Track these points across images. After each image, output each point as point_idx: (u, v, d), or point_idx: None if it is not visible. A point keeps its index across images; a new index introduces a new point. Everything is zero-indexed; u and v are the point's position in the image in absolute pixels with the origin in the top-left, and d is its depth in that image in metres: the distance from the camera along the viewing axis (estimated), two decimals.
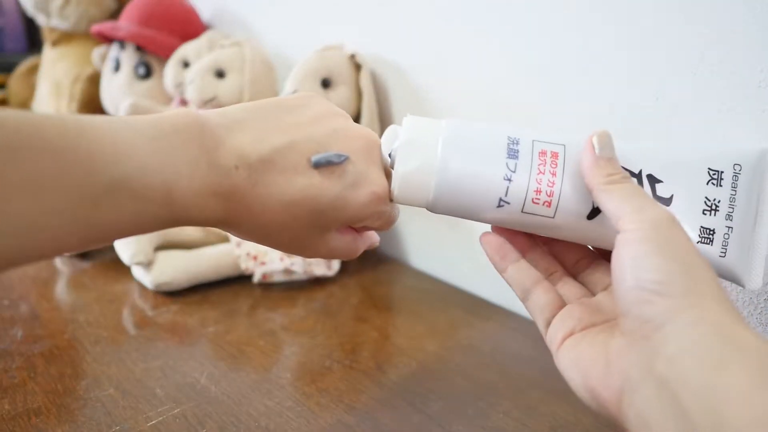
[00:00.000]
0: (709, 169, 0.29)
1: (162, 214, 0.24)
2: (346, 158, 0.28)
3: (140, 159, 0.23)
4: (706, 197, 0.28)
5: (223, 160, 0.26)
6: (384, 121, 0.61)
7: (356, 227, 0.32)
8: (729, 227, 0.29)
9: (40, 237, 0.21)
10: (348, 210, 0.29)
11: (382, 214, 0.31)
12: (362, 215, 0.30)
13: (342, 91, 0.57)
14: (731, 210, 0.29)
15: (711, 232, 0.28)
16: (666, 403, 0.20)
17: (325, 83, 0.57)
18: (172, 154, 0.24)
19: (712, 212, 0.28)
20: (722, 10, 0.36)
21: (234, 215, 0.27)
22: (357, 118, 0.59)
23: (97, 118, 0.23)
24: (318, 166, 0.27)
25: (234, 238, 0.54)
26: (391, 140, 0.31)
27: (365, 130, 0.31)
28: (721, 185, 0.29)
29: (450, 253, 0.58)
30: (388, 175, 0.31)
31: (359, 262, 0.59)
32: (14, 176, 0.20)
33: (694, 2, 0.37)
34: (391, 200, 0.30)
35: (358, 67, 0.58)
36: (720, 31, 0.36)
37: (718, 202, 0.28)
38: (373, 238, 0.34)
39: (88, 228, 0.23)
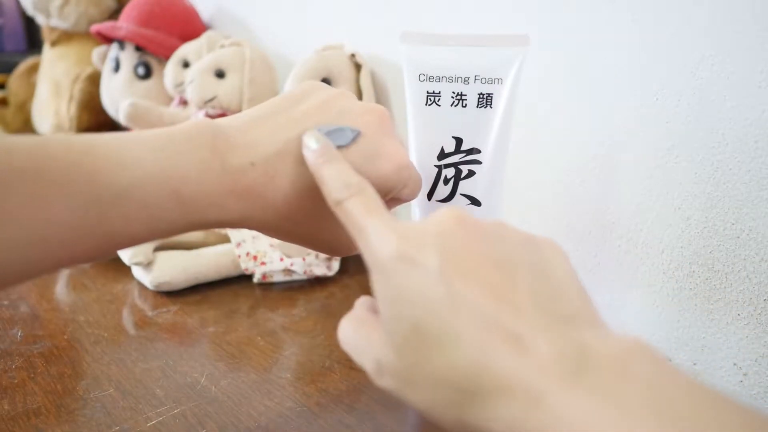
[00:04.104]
0: None
1: (175, 218, 0.25)
2: (358, 133, 0.28)
3: (145, 168, 0.24)
4: None
5: (237, 160, 0.26)
6: None
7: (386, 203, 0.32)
8: None
9: (48, 248, 0.23)
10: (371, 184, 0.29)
11: (407, 180, 0.31)
12: (387, 187, 0.30)
13: None
14: None
15: None
16: None
17: (325, 83, 0.57)
18: (178, 161, 0.25)
19: None
20: (722, 11, 0.36)
21: (256, 212, 0.27)
22: None
23: (106, 136, 0.25)
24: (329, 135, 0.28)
25: (234, 238, 0.54)
26: None
27: (373, 104, 0.31)
28: None
29: None
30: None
31: (359, 263, 0.59)
32: (22, 192, 0.22)
33: (694, 2, 0.37)
34: None
35: (358, 67, 0.58)
36: (720, 31, 0.36)
37: None
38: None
39: (98, 237, 0.24)
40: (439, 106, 0.38)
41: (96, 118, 0.85)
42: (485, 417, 0.19)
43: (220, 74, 0.62)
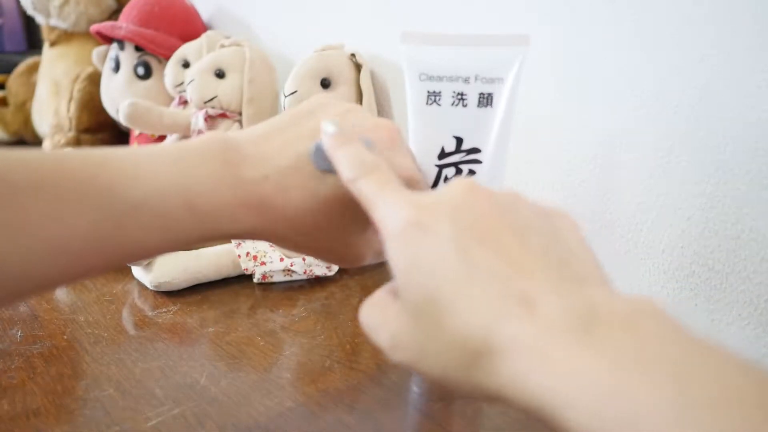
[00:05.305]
0: None
1: (189, 229, 0.26)
2: (370, 142, 0.28)
3: (159, 181, 0.25)
4: None
5: (250, 172, 0.27)
6: None
7: None
8: None
9: (64, 259, 0.23)
10: None
11: None
12: None
13: (342, 91, 0.57)
14: None
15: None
16: None
17: (325, 83, 0.57)
18: (192, 172, 0.26)
19: None
20: (722, 11, 0.36)
21: (269, 224, 0.28)
22: None
23: (120, 150, 0.25)
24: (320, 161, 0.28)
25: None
26: None
27: (383, 120, 0.32)
28: None
29: None
30: None
31: None
32: (39, 205, 0.22)
33: (694, 2, 0.37)
34: None
35: (358, 67, 0.58)
36: (720, 31, 0.36)
37: None
38: None
39: (114, 248, 0.24)
40: (440, 105, 0.38)
41: (96, 118, 0.85)
42: (493, 375, 0.19)
43: (220, 74, 0.62)
